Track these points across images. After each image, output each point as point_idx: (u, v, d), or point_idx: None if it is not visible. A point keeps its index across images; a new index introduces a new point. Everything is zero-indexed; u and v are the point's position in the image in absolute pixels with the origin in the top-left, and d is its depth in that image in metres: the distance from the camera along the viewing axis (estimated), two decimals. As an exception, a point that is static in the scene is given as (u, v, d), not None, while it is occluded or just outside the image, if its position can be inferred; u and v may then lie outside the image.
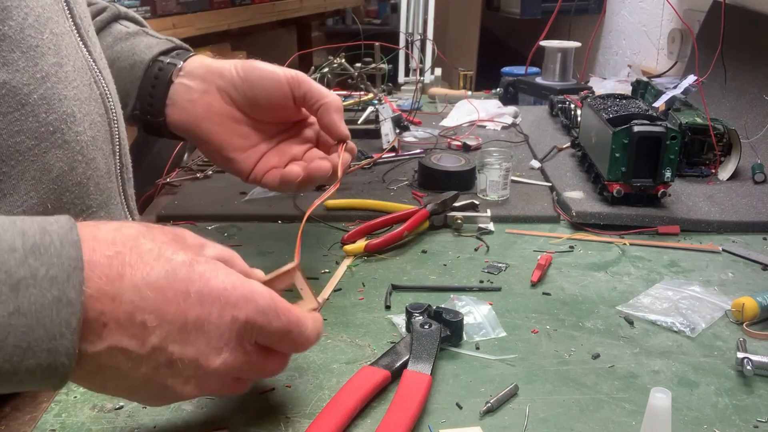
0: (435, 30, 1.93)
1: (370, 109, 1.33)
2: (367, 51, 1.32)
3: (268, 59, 0.75)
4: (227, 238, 0.88)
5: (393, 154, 1.16)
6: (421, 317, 0.63)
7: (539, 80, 1.66)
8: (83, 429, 0.53)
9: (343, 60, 1.28)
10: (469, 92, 1.65)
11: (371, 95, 1.37)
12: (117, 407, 0.55)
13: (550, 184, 1.04)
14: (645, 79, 1.38)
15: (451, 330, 0.63)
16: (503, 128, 1.36)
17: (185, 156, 1.19)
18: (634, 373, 0.60)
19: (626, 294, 0.74)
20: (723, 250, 0.84)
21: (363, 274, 0.78)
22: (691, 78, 1.13)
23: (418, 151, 1.19)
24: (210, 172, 1.11)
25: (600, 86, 1.65)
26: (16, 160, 0.52)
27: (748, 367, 0.59)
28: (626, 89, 1.46)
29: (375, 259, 0.82)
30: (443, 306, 0.66)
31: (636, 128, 0.88)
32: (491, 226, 0.90)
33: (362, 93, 1.37)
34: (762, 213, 0.92)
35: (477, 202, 0.93)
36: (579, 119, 1.18)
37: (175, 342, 0.43)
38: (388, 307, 0.71)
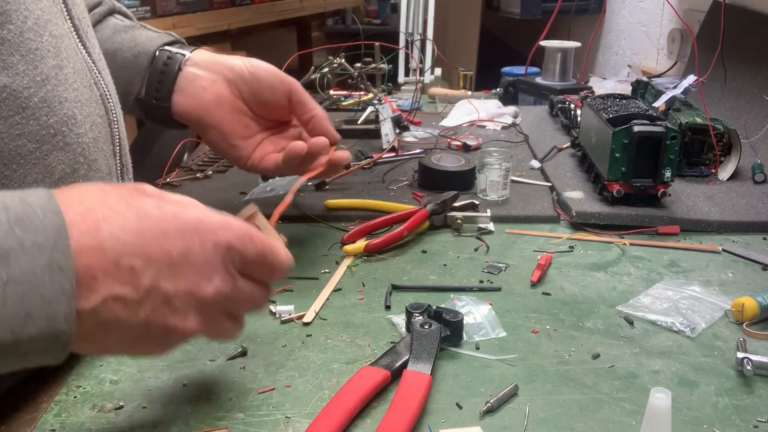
0: (435, 30, 1.93)
1: (370, 109, 1.33)
2: (367, 51, 1.32)
3: (268, 59, 0.77)
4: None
5: (393, 154, 1.16)
6: (421, 317, 0.63)
7: (539, 80, 1.66)
8: (83, 429, 0.53)
9: (343, 60, 1.28)
10: (469, 92, 1.65)
11: (371, 95, 1.37)
12: (117, 407, 0.55)
13: (550, 184, 1.04)
14: (645, 79, 1.38)
15: (451, 330, 0.63)
16: (503, 128, 1.36)
17: (185, 156, 1.19)
18: (634, 373, 0.60)
19: (626, 294, 0.74)
20: (723, 250, 0.84)
21: (363, 274, 0.78)
22: (691, 78, 1.13)
23: (418, 151, 1.19)
24: (210, 172, 1.11)
25: (600, 86, 1.65)
26: (18, 164, 0.52)
27: (748, 367, 0.59)
28: (626, 89, 1.46)
29: (375, 259, 0.82)
30: (443, 306, 0.66)
31: (636, 128, 0.88)
32: (491, 226, 0.90)
33: (362, 93, 1.38)
34: (762, 213, 0.92)
35: (477, 202, 0.93)
36: (579, 119, 1.18)
37: (166, 278, 0.44)
38: (388, 307, 0.71)
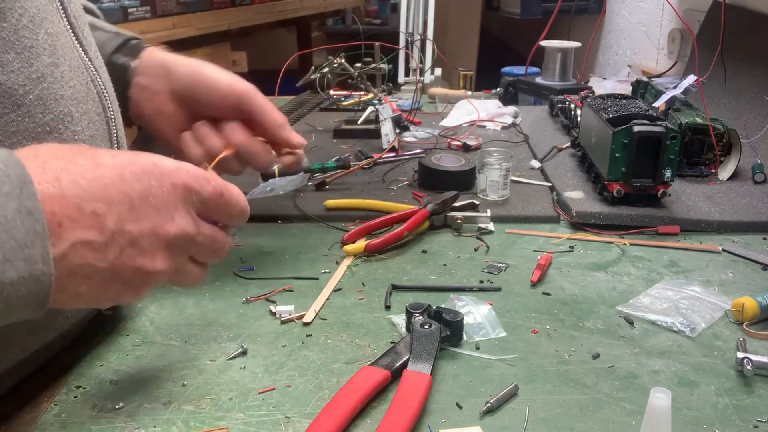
0: (435, 30, 1.93)
1: (370, 109, 1.33)
2: (367, 51, 1.32)
3: (268, 59, 0.76)
4: (227, 238, 0.88)
5: (393, 154, 1.16)
6: (421, 317, 0.63)
7: (539, 80, 1.66)
8: (83, 429, 0.53)
9: (343, 60, 1.28)
10: (469, 92, 1.65)
11: (371, 95, 1.37)
12: (117, 407, 0.55)
13: (550, 184, 1.04)
14: (645, 79, 1.38)
15: (451, 330, 0.63)
16: (503, 128, 1.36)
17: (185, 156, 1.19)
18: (634, 373, 0.60)
19: (626, 294, 0.74)
20: (723, 250, 0.84)
21: (363, 274, 0.78)
22: (691, 78, 1.13)
23: (418, 151, 1.19)
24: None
25: (600, 86, 1.65)
26: None
27: (748, 367, 0.59)
28: (626, 89, 1.46)
29: (375, 259, 0.82)
30: (443, 306, 0.66)
31: (636, 128, 0.88)
32: (491, 226, 0.90)
33: (362, 93, 1.38)
34: (762, 213, 0.92)
35: (477, 202, 0.93)
36: (579, 119, 1.18)
37: (129, 220, 0.46)
38: (388, 307, 0.71)
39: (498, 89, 1.69)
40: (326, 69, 1.29)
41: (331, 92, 1.49)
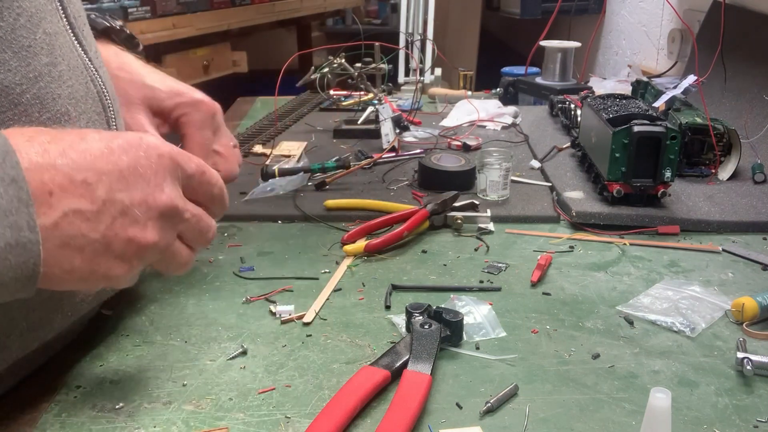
0: (435, 30, 1.93)
1: (370, 109, 1.33)
2: (367, 51, 1.32)
3: (268, 59, 0.75)
4: (227, 238, 0.88)
5: (393, 154, 1.16)
6: (421, 317, 0.63)
7: (539, 80, 1.66)
8: (83, 429, 0.53)
9: (343, 60, 1.28)
10: (469, 92, 1.65)
11: (371, 95, 1.37)
12: (117, 407, 0.55)
13: (550, 184, 1.04)
14: (645, 79, 1.38)
15: (451, 330, 0.63)
16: (503, 128, 1.36)
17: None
18: (634, 373, 0.60)
19: (626, 294, 0.74)
20: (723, 250, 0.84)
21: (363, 274, 0.78)
22: (691, 78, 1.13)
23: (418, 151, 1.19)
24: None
25: (600, 86, 1.65)
26: None
27: (748, 367, 0.59)
28: (626, 89, 1.46)
29: (375, 259, 0.82)
30: (443, 306, 0.66)
31: (636, 128, 0.88)
32: (491, 226, 0.90)
33: (362, 93, 1.38)
34: (762, 213, 0.92)
35: (477, 202, 0.93)
36: (579, 119, 1.18)
37: (120, 190, 0.47)
38: (388, 307, 0.71)
39: (498, 89, 1.69)
40: (326, 69, 1.29)
41: (331, 92, 1.49)
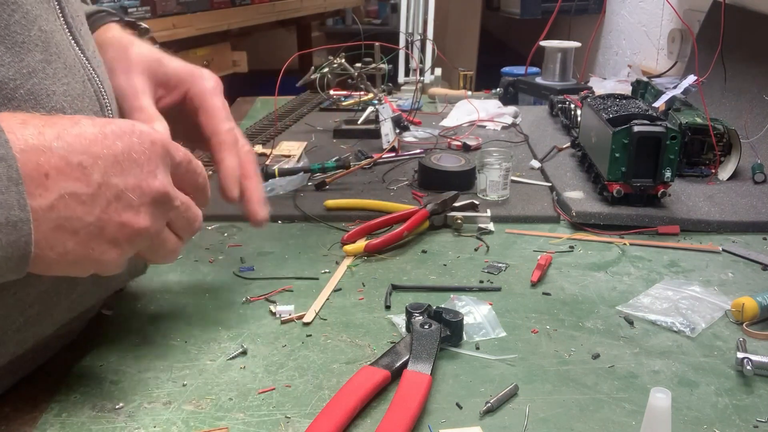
0: (435, 30, 1.93)
1: (370, 109, 1.33)
2: (367, 51, 1.33)
3: (268, 59, 0.75)
4: (227, 238, 0.88)
5: (393, 154, 1.16)
6: (421, 317, 0.63)
7: (539, 80, 1.66)
8: (83, 429, 0.53)
9: (343, 60, 1.28)
10: (469, 92, 1.65)
11: (371, 95, 1.37)
12: (117, 407, 0.55)
13: (550, 184, 1.04)
14: (645, 79, 1.38)
15: (451, 330, 0.63)
16: (503, 128, 1.36)
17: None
18: (634, 373, 0.60)
19: (626, 294, 0.74)
20: (723, 250, 0.84)
21: (363, 274, 0.78)
22: (691, 78, 1.13)
23: (418, 151, 1.19)
24: (210, 173, 1.10)
25: (600, 86, 1.65)
26: None
27: (748, 367, 0.59)
28: (626, 89, 1.46)
29: (375, 259, 0.82)
30: (443, 306, 0.66)
31: (636, 128, 0.88)
32: (491, 226, 0.90)
33: (362, 93, 1.38)
34: (762, 213, 0.92)
35: (477, 202, 0.93)
36: (579, 119, 1.18)
37: (115, 174, 0.48)
38: (388, 307, 0.71)
39: (498, 89, 1.69)
40: (326, 69, 1.29)
41: (331, 92, 1.49)
